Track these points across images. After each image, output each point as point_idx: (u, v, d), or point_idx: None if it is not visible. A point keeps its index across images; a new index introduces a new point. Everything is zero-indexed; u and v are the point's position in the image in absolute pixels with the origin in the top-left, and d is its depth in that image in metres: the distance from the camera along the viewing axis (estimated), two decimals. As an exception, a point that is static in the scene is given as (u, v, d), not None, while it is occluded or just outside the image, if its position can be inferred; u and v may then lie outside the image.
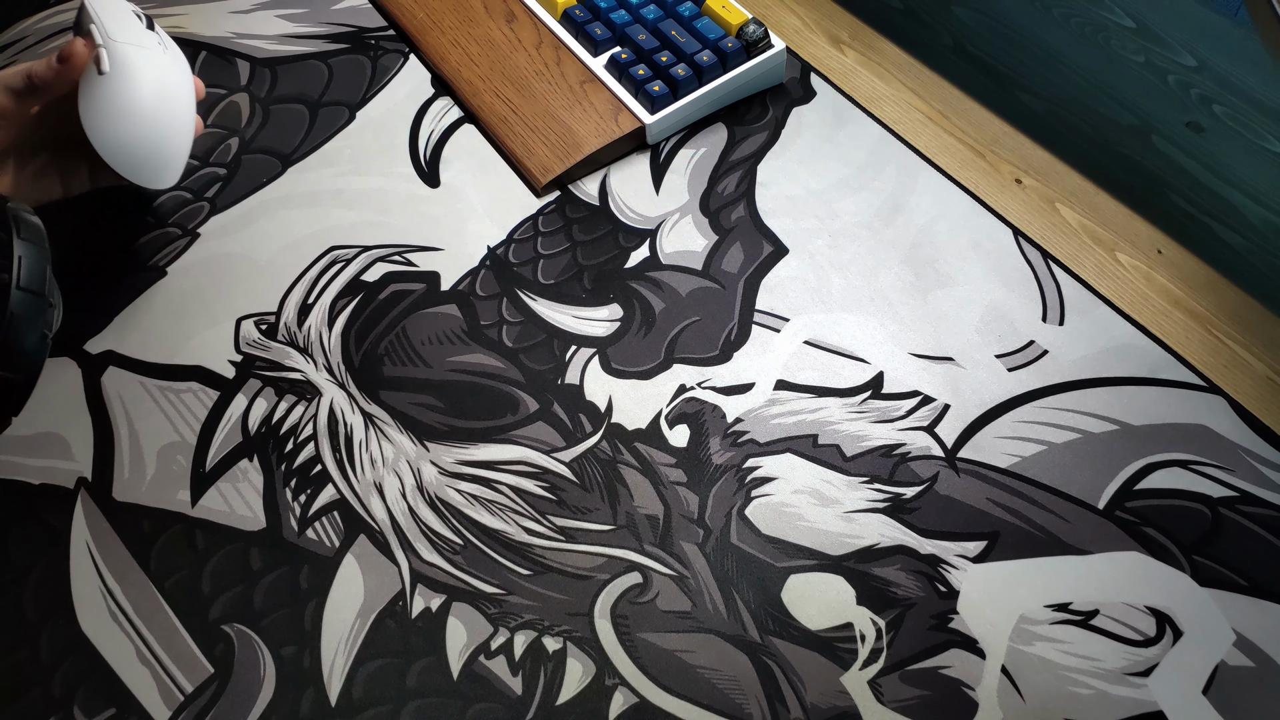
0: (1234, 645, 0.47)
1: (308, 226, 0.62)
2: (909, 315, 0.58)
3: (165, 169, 0.55)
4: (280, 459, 0.53)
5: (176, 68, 0.55)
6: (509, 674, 0.46)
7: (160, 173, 0.55)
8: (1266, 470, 0.52)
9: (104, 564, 0.49)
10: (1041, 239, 0.62)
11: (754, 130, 0.68)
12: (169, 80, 0.54)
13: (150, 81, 0.53)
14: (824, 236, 0.62)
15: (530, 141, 0.65)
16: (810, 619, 0.48)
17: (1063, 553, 0.50)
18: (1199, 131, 0.65)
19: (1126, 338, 0.57)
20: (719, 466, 0.53)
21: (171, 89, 0.54)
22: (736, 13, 0.68)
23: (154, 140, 0.53)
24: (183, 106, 0.55)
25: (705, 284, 0.60)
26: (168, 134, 0.54)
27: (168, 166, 0.55)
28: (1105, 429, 0.54)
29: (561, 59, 0.69)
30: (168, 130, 0.54)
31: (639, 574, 0.49)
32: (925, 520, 0.51)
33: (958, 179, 0.65)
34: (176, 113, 0.54)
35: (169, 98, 0.54)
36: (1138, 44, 0.66)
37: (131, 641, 0.47)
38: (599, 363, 0.57)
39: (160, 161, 0.54)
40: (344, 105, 0.69)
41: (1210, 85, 0.63)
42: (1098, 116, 0.72)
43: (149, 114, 0.53)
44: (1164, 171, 0.69)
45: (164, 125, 0.54)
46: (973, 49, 0.78)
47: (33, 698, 0.46)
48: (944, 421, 0.54)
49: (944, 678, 0.46)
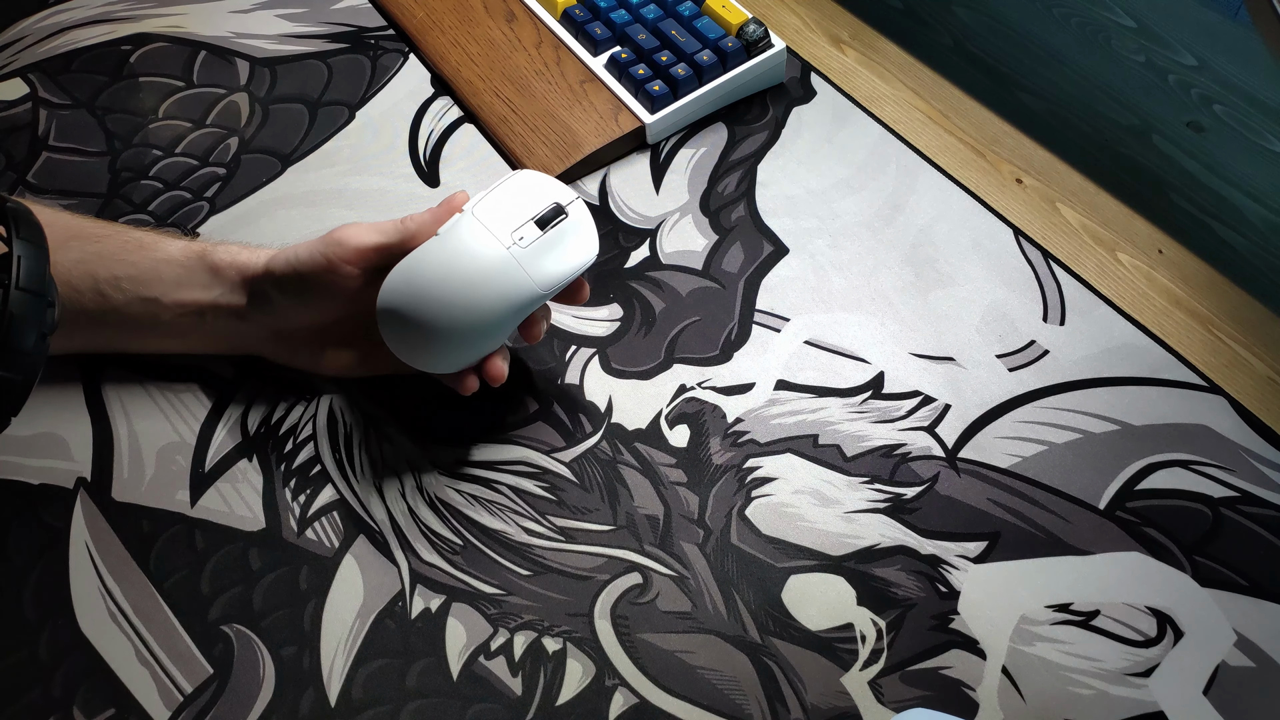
0: (1235, 646, 0.47)
1: (307, 226, 0.62)
2: (909, 315, 0.58)
3: (432, 359, 0.49)
4: (280, 459, 0.53)
5: (510, 276, 0.46)
6: (509, 674, 0.46)
7: (427, 361, 0.49)
8: (1267, 470, 0.52)
9: (103, 564, 0.49)
10: (1042, 239, 0.62)
11: (754, 130, 0.68)
12: (477, 279, 0.46)
13: (455, 271, 0.46)
14: (824, 236, 0.62)
15: (530, 141, 0.65)
16: (811, 619, 0.48)
17: (1063, 553, 0.50)
18: (1199, 131, 0.65)
19: (1127, 338, 0.57)
20: (719, 467, 0.53)
21: (473, 289, 0.46)
22: (736, 12, 0.68)
23: (418, 321, 0.47)
24: (477, 312, 0.46)
25: (705, 284, 0.60)
26: (436, 324, 0.47)
27: (437, 358, 0.48)
28: (1106, 429, 0.54)
29: (561, 59, 0.69)
30: (439, 319, 0.47)
31: (639, 574, 0.49)
32: (926, 520, 0.51)
33: (958, 179, 0.65)
34: (463, 314, 0.46)
35: (462, 293, 0.46)
36: (1138, 44, 0.66)
37: (131, 642, 0.47)
38: (599, 363, 0.57)
39: (431, 352, 0.47)
40: (344, 105, 0.69)
41: (1211, 85, 0.63)
42: (1098, 116, 0.72)
43: (430, 296, 0.46)
44: (1164, 171, 0.69)
45: (437, 315, 0.46)
46: (973, 49, 0.78)
47: (32, 698, 0.46)
48: (945, 421, 0.54)
49: (944, 678, 0.46)
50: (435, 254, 0.47)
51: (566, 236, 0.48)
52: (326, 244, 0.49)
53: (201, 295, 0.50)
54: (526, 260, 0.47)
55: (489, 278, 0.47)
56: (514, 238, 0.47)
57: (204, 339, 0.53)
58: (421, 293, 0.47)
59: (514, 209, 0.48)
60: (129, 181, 0.64)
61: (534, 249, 0.47)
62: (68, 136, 0.67)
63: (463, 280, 0.46)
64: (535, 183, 0.49)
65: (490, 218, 0.47)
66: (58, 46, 0.72)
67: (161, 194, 0.64)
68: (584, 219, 0.50)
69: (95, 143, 0.67)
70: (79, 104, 0.69)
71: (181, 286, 0.50)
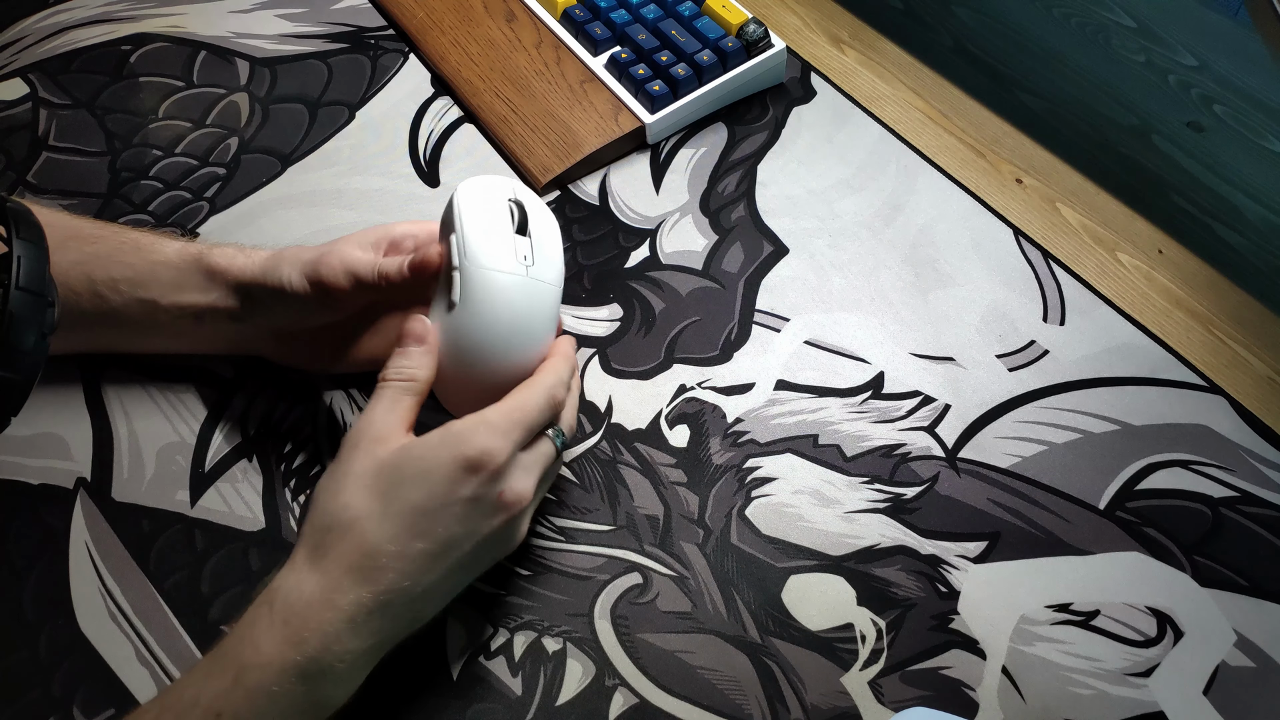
0: (1235, 645, 0.47)
1: (307, 226, 0.62)
2: (909, 315, 0.58)
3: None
4: (279, 459, 0.53)
5: (539, 293, 0.46)
6: (509, 674, 0.46)
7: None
8: (1267, 470, 0.52)
9: (103, 564, 0.49)
10: (1042, 239, 0.62)
11: (754, 130, 0.68)
12: (521, 315, 0.45)
13: (501, 321, 0.44)
14: (824, 236, 0.62)
15: (530, 141, 0.65)
16: (810, 619, 0.48)
17: (1063, 553, 0.50)
18: (1199, 131, 0.65)
19: (1127, 337, 0.57)
20: (719, 466, 0.53)
21: (523, 325, 0.45)
22: (736, 12, 0.68)
23: (486, 380, 0.45)
24: (534, 340, 0.46)
25: (705, 284, 0.60)
26: (504, 373, 0.45)
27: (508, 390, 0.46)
28: (1106, 429, 0.54)
29: (561, 59, 0.69)
30: (504, 370, 0.45)
31: (639, 574, 0.49)
32: (926, 520, 0.51)
33: (958, 179, 0.65)
34: (522, 349, 0.45)
35: (517, 334, 0.45)
36: (1138, 44, 0.66)
37: (131, 642, 0.47)
38: (599, 362, 0.57)
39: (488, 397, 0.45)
40: (344, 105, 0.69)
41: (1210, 85, 0.63)
42: (1098, 116, 0.72)
43: (489, 354, 0.45)
44: (1164, 171, 0.69)
45: (502, 366, 0.45)
46: (973, 49, 0.78)
47: (33, 698, 0.46)
48: (944, 421, 0.54)
49: (944, 678, 0.46)
50: (471, 323, 0.45)
51: (534, 219, 0.47)
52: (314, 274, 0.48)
53: (199, 298, 0.50)
54: (540, 272, 0.46)
55: (530, 314, 0.45)
56: (519, 261, 0.45)
57: (203, 339, 0.53)
58: (478, 362, 0.45)
59: (491, 233, 0.45)
60: (129, 182, 0.64)
61: (540, 258, 0.46)
62: (68, 136, 0.67)
63: (510, 330, 0.45)
64: (479, 194, 0.47)
65: (487, 258, 0.45)
66: (58, 46, 0.72)
67: (161, 194, 0.64)
68: (529, 196, 0.48)
69: (95, 143, 0.67)
70: (79, 104, 0.69)
71: (178, 289, 0.50)
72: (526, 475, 0.42)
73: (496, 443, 0.41)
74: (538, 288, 0.46)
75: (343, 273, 0.47)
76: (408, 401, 0.43)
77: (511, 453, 0.42)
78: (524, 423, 0.42)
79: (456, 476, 0.40)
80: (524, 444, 0.43)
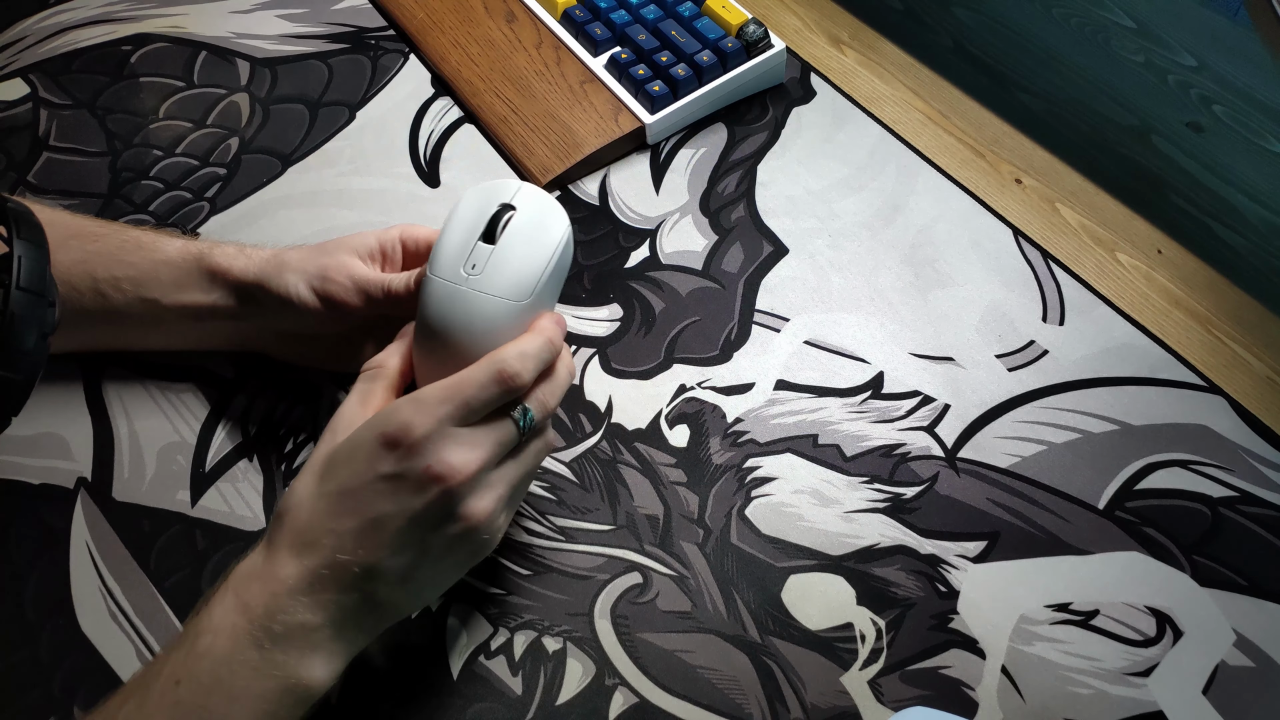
0: (1234, 645, 0.47)
1: (308, 227, 0.62)
2: (909, 315, 0.58)
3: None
4: (280, 459, 0.53)
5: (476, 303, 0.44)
6: (509, 674, 0.46)
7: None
8: (1266, 470, 0.52)
9: (104, 564, 0.49)
10: (1041, 239, 0.62)
11: (754, 130, 0.68)
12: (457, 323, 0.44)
13: (438, 328, 0.44)
14: (824, 236, 0.62)
15: (530, 141, 0.65)
16: (810, 619, 0.48)
17: (1063, 553, 0.50)
18: (1199, 131, 0.65)
19: (1127, 338, 0.57)
20: (719, 466, 0.53)
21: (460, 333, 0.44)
22: (736, 13, 0.68)
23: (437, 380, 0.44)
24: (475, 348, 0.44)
25: (705, 284, 0.60)
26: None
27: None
28: (1105, 429, 0.54)
29: (561, 59, 0.69)
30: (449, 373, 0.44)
31: (639, 574, 0.49)
32: (925, 520, 0.51)
33: (958, 179, 0.65)
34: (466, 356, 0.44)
35: (455, 341, 0.44)
36: (1138, 44, 0.66)
37: (131, 641, 0.47)
38: (599, 362, 0.57)
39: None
40: (344, 105, 0.69)
41: (1210, 85, 0.63)
42: (1098, 116, 0.72)
43: (434, 357, 0.45)
44: (1164, 171, 0.69)
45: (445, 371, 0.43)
46: (973, 49, 0.78)
47: (33, 698, 0.46)
48: (944, 421, 0.54)
49: (944, 678, 0.46)
50: (421, 327, 0.45)
51: (524, 231, 0.45)
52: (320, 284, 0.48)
53: (200, 298, 0.51)
54: (483, 283, 0.44)
55: (469, 323, 0.44)
56: (464, 269, 0.44)
57: (205, 337, 0.53)
58: (426, 364, 0.45)
59: (454, 239, 0.45)
60: (129, 182, 0.65)
61: (492, 267, 0.44)
62: (68, 137, 0.67)
63: (446, 336, 0.44)
64: (477, 198, 0.46)
65: (437, 264, 0.44)
66: (58, 47, 0.72)
67: (162, 194, 0.64)
68: (537, 202, 0.46)
69: (96, 143, 0.67)
70: (80, 104, 0.69)
71: (180, 288, 0.50)
72: (467, 450, 0.40)
73: (417, 418, 0.40)
74: (474, 298, 0.44)
75: (354, 291, 0.48)
76: (376, 389, 0.44)
77: (435, 427, 0.40)
78: (457, 398, 0.41)
79: (375, 453, 0.40)
80: (459, 419, 0.41)
